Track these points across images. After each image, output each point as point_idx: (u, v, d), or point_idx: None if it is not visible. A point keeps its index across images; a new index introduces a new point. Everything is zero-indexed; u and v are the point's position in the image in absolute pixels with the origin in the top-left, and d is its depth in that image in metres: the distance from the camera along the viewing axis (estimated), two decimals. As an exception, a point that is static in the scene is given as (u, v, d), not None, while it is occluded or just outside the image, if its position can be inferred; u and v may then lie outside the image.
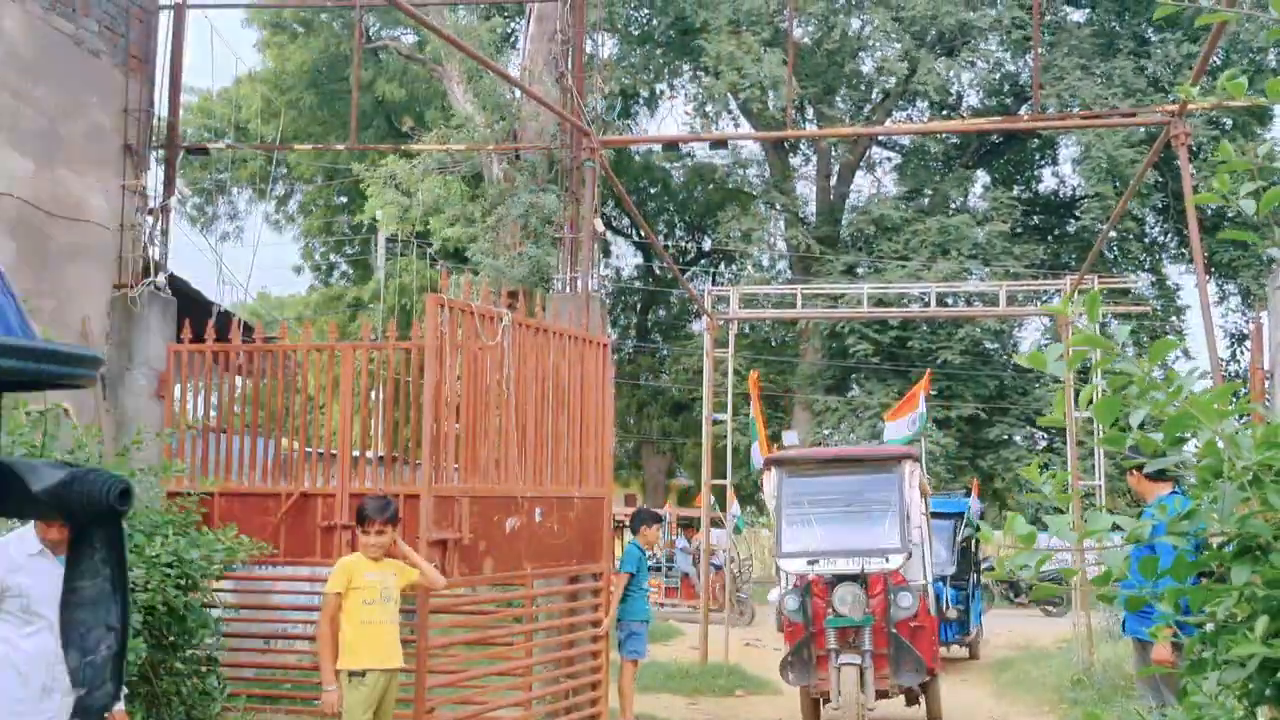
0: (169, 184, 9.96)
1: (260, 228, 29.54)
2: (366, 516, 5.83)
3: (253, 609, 9.13)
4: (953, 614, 14.61)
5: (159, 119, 10.04)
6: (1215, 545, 2.12)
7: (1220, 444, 2.05)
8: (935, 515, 13.80)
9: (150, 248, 9.26)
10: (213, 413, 9.20)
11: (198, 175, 27.70)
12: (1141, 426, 2.16)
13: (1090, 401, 2.20)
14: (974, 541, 15.86)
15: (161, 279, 9.22)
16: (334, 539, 7.88)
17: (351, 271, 30.73)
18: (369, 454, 9.20)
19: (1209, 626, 2.21)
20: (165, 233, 9.52)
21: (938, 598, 12.87)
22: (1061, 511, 2.19)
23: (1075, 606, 14.11)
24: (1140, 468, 5.98)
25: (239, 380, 9.37)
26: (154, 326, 9.09)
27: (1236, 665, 2.04)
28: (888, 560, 8.90)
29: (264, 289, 31.80)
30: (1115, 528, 2.07)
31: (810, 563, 8.96)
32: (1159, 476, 5.87)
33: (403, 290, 23.59)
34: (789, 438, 13.25)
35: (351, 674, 5.61)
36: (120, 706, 4.91)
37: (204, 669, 7.26)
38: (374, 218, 19.35)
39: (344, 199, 29.40)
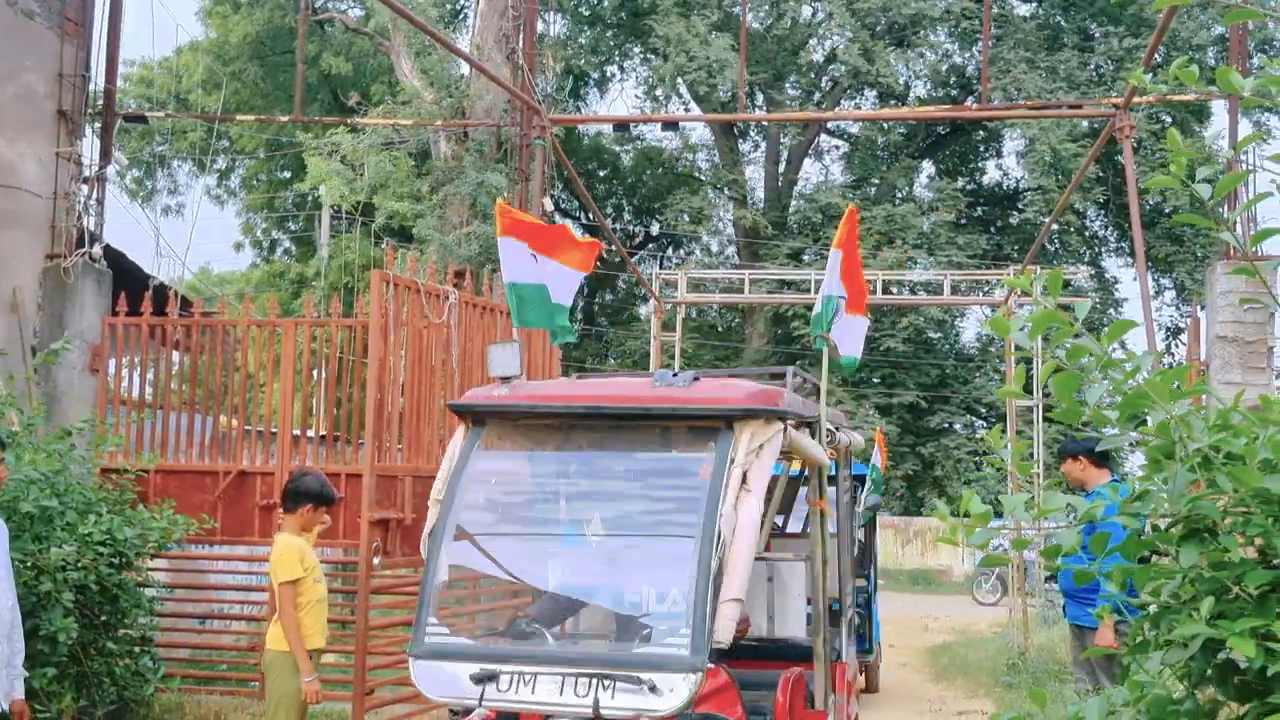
0: (105, 152, 9.69)
1: (200, 202, 28.95)
2: (329, 498, 5.72)
3: (188, 588, 8.96)
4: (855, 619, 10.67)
5: (95, 85, 9.76)
6: (1163, 527, 2.13)
7: (1172, 425, 2.06)
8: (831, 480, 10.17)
9: (85, 217, 9.01)
10: (148, 388, 8.98)
11: (137, 147, 27.04)
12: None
13: (1048, 378, 2.20)
14: (875, 519, 11.43)
15: (96, 250, 8.97)
16: (273, 518, 7.75)
17: (294, 249, 30.24)
18: (309, 432, 9.05)
19: (1153, 608, 2.23)
20: (100, 202, 9.26)
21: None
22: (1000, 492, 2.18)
23: (1011, 593, 14.34)
24: (1086, 453, 6.07)
25: (176, 355, 9.16)
26: (88, 298, 8.85)
27: (1179, 646, 2.05)
28: (655, 691, 3.92)
29: (205, 265, 31.22)
30: (1069, 508, 2.07)
31: (480, 680, 4.06)
32: (1100, 462, 5.96)
33: (347, 268, 23.24)
34: (500, 357, 4.76)
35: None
36: (19, 693, 4.77)
37: (137, 649, 7.11)
38: (315, 188, 19.05)
39: (287, 174, 28.89)
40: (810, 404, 4.91)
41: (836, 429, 5.54)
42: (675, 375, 4.30)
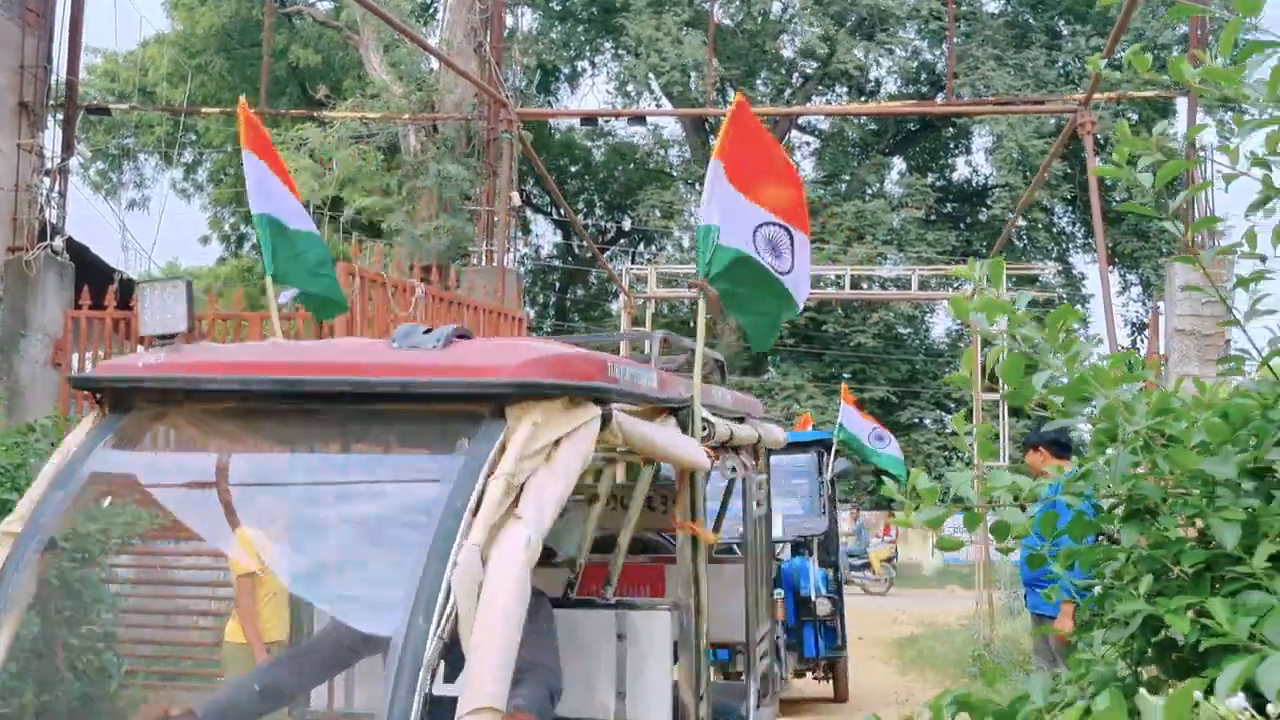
0: (68, 145, 9.61)
1: (167, 195, 28.68)
2: None
3: (153, 584, 8.89)
4: (824, 608, 9.59)
5: (57, 77, 9.67)
6: (1107, 508, 2.18)
7: (1116, 409, 2.10)
8: (791, 448, 9.47)
9: (47, 210, 8.92)
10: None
11: (102, 140, 26.75)
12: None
13: (995, 364, 2.24)
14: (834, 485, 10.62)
15: (59, 242, 8.89)
16: (239, 512, 7.71)
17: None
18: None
19: (1098, 588, 2.27)
20: (63, 195, 9.19)
21: (793, 589, 9.34)
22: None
23: (978, 585, 14.48)
24: (1048, 443, 6.14)
25: (141, 349, 9.10)
26: (50, 292, 8.76)
27: (1121, 624, 2.10)
28: None
29: (173, 260, 30.94)
30: (1015, 486, 2.11)
31: None
32: (1061, 453, 6.03)
33: (316, 263, 23.05)
34: (155, 306, 2.78)
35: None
36: None
37: (100, 645, 7.05)
38: (284, 184, 18.92)
39: (256, 168, 28.63)
40: (674, 381, 3.28)
41: (742, 418, 3.95)
42: (427, 332, 2.73)
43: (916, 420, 27.95)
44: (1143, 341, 28.25)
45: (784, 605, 9.02)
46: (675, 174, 31.16)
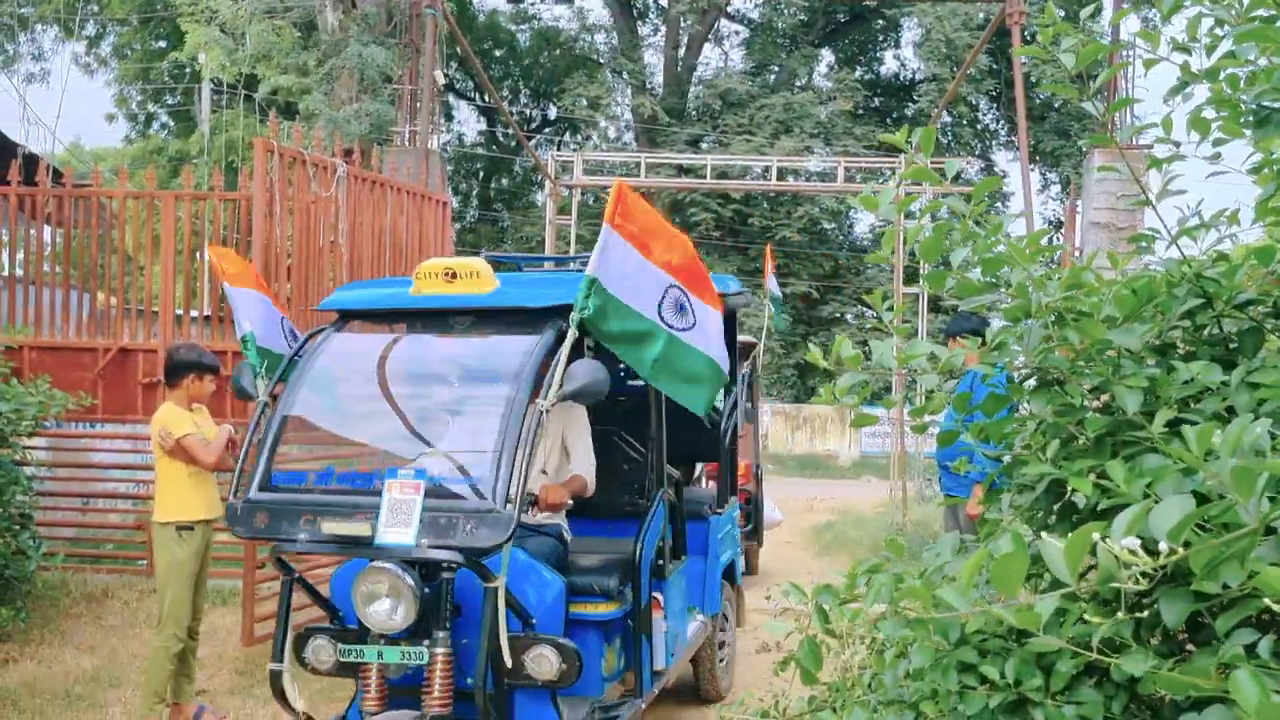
0: (-39, 9, 9.06)
1: (68, 69, 27.31)
2: (210, 364, 5.62)
3: (72, 467, 8.76)
4: (545, 668, 3.84)
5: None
6: (1018, 380, 2.26)
7: (1030, 285, 2.17)
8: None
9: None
10: (18, 262, 8.62)
11: (-4, 9, 25.25)
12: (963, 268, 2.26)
13: (914, 241, 2.28)
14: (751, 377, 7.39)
15: (-45, 114, 8.45)
16: (156, 396, 7.60)
17: (173, 123, 28.85)
18: (193, 312, 8.83)
19: (1007, 458, 2.37)
20: (-42, 64, 8.70)
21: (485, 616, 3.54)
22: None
23: (893, 475, 14.95)
24: (969, 333, 6.26)
25: (48, 229, 8.78)
26: (-52, 166, 8.37)
27: (1028, 489, 2.20)
28: None
29: (76, 139, 29.64)
30: (932, 356, 2.18)
31: None
32: (975, 334, 6.15)
33: (230, 146, 22.28)
34: None
35: (180, 528, 5.46)
36: None
37: (17, 527, 6.97)
38: (194, 58, 18.07)
39: (163, 44, 27.36)
40: None
41: None
42: None
43: (838, 315, 28.36)
44: (1060, 239, 28.89)
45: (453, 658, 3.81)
46: (602, 61, 30.56)
